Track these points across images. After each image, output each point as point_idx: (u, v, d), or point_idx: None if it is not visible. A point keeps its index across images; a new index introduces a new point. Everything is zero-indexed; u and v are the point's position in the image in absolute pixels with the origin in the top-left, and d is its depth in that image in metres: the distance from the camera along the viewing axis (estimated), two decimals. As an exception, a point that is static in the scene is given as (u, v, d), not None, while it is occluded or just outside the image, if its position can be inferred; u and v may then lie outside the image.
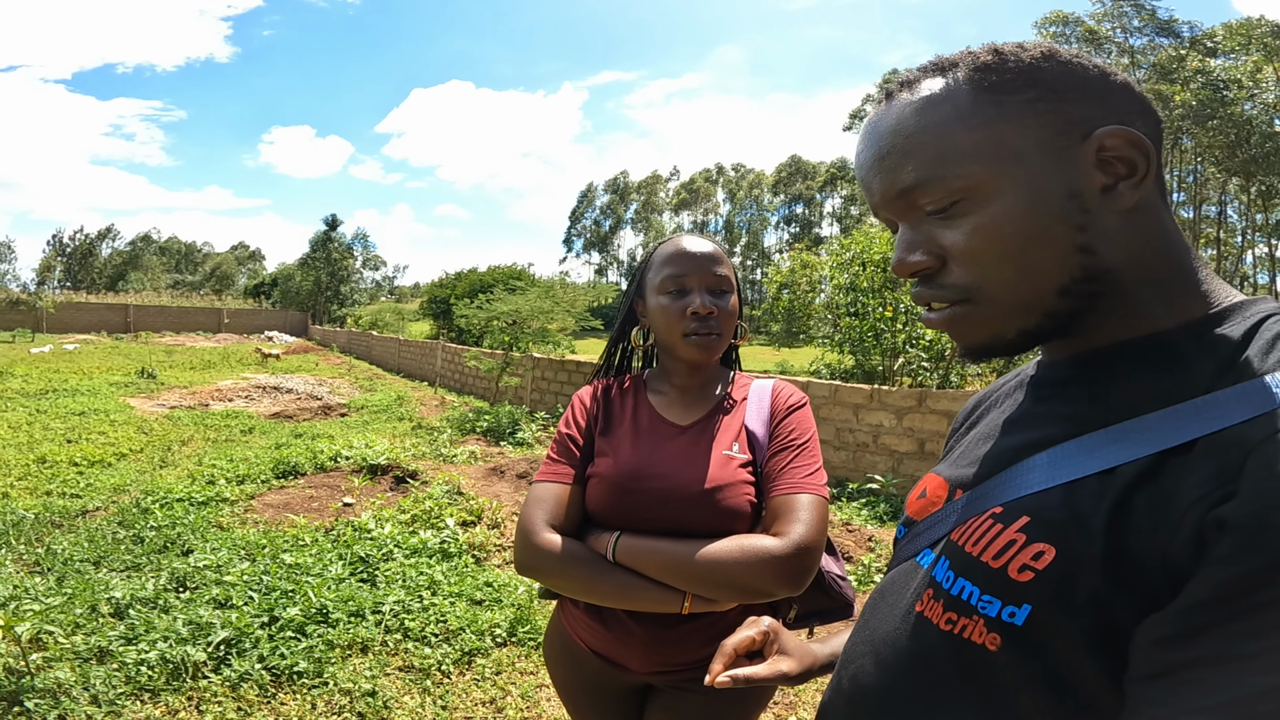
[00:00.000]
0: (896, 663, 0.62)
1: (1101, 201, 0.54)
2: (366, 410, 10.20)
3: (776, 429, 1.11)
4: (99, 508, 4.58)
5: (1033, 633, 0.51)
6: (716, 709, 1.12)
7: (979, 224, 0.55)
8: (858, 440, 5.91)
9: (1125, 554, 0.47)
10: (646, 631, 1.06)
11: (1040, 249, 0.54)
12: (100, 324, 33.33)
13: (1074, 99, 0.54)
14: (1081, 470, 0.52)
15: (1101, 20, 25.52)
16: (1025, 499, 0.55)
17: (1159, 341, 0.55)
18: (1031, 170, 0.54)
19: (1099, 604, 0.48)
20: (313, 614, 2.85)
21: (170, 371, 14.98)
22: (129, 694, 2.34)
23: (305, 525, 4.07)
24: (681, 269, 1.12)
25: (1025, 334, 0.58)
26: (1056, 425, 0.58)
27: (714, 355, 1.13)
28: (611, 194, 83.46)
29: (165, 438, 7.15)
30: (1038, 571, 0.51)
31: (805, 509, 0.99)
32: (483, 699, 2.49)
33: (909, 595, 0.64)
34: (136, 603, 2.93)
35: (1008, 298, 0.56)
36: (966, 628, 0.55)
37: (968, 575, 0.56)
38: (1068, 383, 0.61)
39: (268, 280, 57.32)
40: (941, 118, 0.56)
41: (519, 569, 1.06)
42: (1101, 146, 0.53)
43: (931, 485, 0.71)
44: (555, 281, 14.10)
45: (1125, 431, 0.51)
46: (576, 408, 1.20)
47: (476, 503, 4.42)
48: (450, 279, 29.29)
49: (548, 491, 1.09)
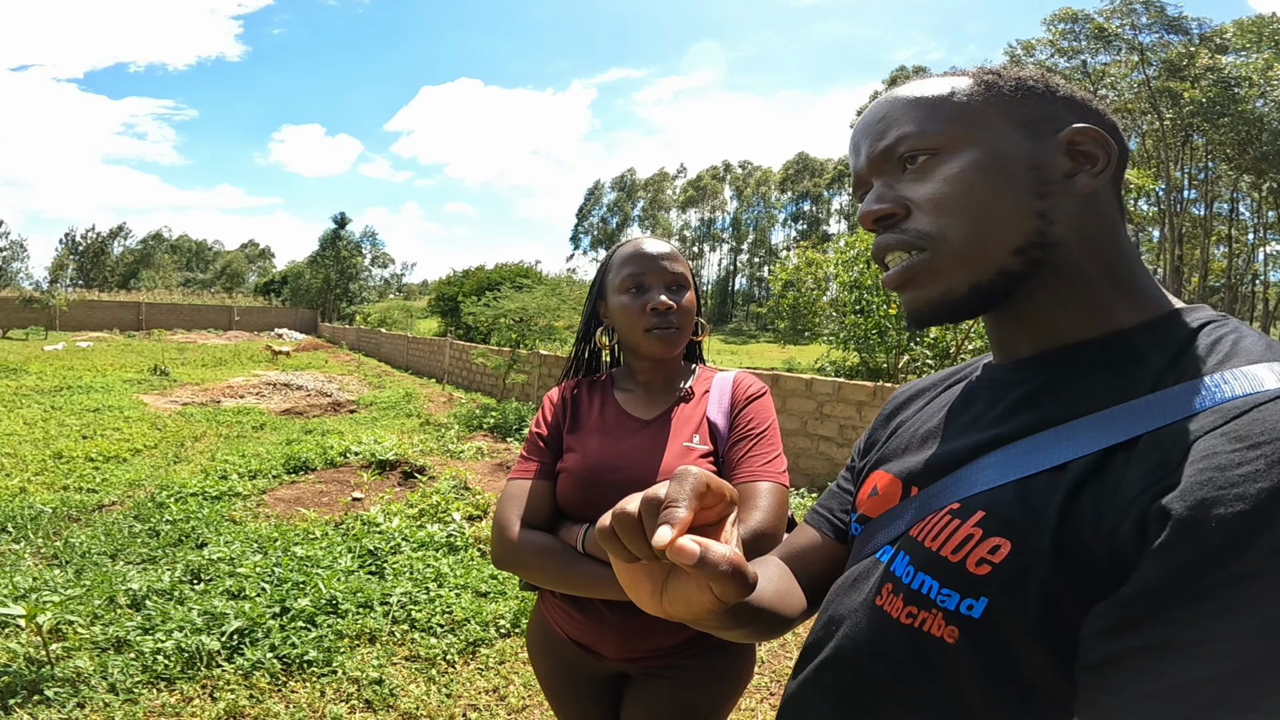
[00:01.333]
0: (859, 656, 0.63)
1: (1063, 183, 0.58)
2: (375, 407, 10.30)
3: (736, 418, 1.14)
4: (115, 502, 4.66)
5: (989, 625, 0.52)
6: (689, 696, 1.15)
7: (948, 174, 0.59)
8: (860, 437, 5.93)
9: (1074, 547, 0.49)
10: (620, 619, 1.10)
11: (1002, 204, 0.58)
12: (113, 322, 33.67)
13: (1055, 104, 0.60)
14: (1034, 467, 0.54)
15: (1110, 17, 25.29)
16: (981, 495, 0.57)
17: (1103, 345, 0.58)
18: (1003, 139, 0.59)
19: (1051, 596, 0.49)
20: (323, 605, 2.92)
21: (182, 369, 15.13)
22: (146, 682, 2.41)
23: (315, 519, 4.16)
24: (640, 268, 1.16)
25: (976, 289, 0.60)
26: (1009, 424, 0.60)
27: (675, 349, 1.16)
28: (619, 191, 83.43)
29: (178, 434, 7.27)
30: (994, 565, 0.52)
31: (764, 496, 1.02)
32: (486, 687, 2.56)
33: (868, 590, 0.65)
34: (153, 594, 3.01)
35: (964, 246, 0.59)
36: (926, 621, 0.57)
37: (927, 569, 0.58)
38: (1018, 384, 0.62)
39: (277, 278, 57.71)
40: (937, 93, 0.62)
41: (495, 563, 1.11)
42: (1072, 140, 0.58)
43: (883, 483, 0.71)
44: (562, 279, 14.16)
45: (1074, 429, 0.54)
46: (546, 408, 1.24)
47: (483, 497, 4.50)
48: (458, 277, 29.42)
49: (520, 489, 1.13)
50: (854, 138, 0.68)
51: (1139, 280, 0.60)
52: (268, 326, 39.41)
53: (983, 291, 0.60)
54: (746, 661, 1.22)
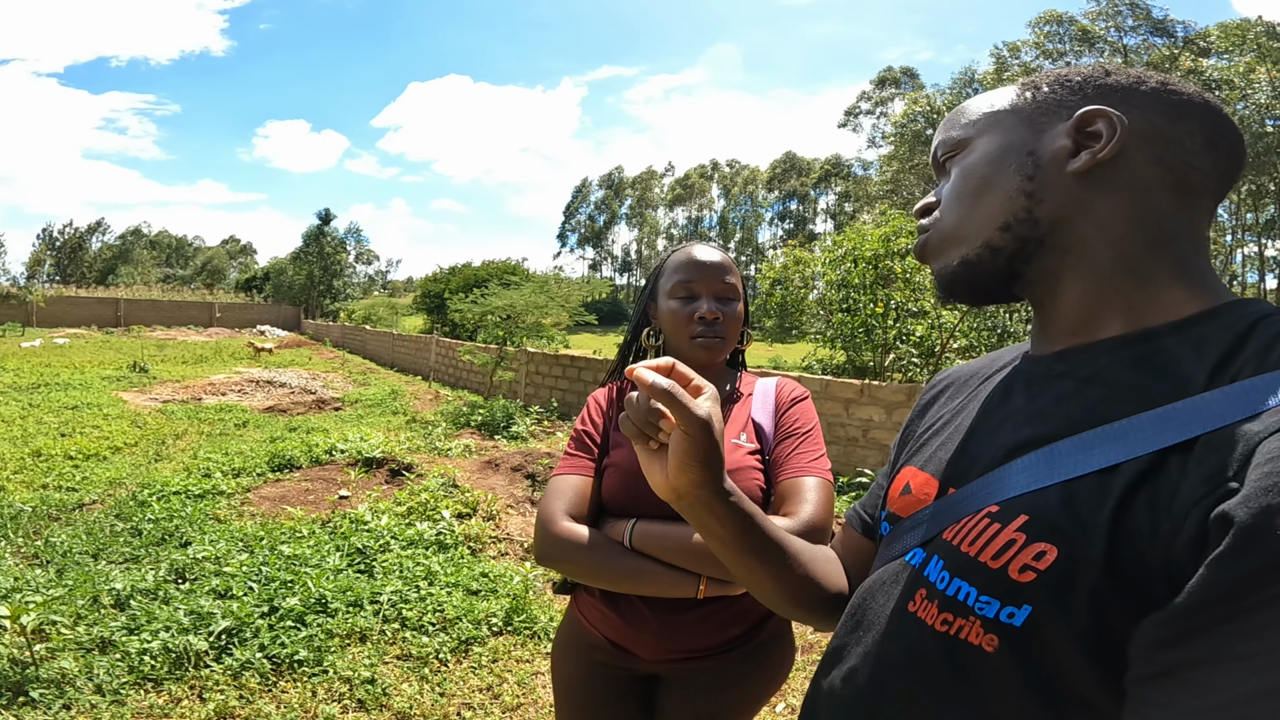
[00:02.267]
0: (889, 664, 0.61)
1: (1059, 162, 0.60)
2: (361, 404, 10.21)
3: (781, 419, 1.16)
4: (95, 501, 4.59)
5: (1032, 634, 0.50)
6: (724, 698, 1.15)
7: (957, 170, 0.66)
8: (848, 435, 5.98)
9: (1126, 554, 0.47)
10: (659, 618, 1.09)
11: (991, 189, 0.63)
12: (91, 318, 33.03)
13: (1087, 93, 0.61)
14: (1079, 469, 0.52)
15: (1096, 19, 25.62)
16: (1023, 497, 0.54)
17: (1148, 337, 0.56)
18: (1007, 131, 0.63)
19: (1099, 604, 0.47)
20: (312, 604, 2.89)
21: (162, 365, 14.91)
22: (132, 683, 2.37)
23: (302, 517, 4.11)
24: (691, 276, 1.19)
25: (966, 263, 0.65)
26: (1048, 423, 0.58)
27: (718, 357, 1.19)
28: (607, 189, 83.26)
29: (159, 431, 7.16)
30: (1040, 571, 0.50)
31: (812, 490, 1.04)
32: (480, 686, 2.55)
33: (899, 595, 0.63)
34: (137, 594, 2.96)
35: (955, 225, 0.65)
36: (963, 629, 0.55)
37: (965, 575, 0.56)
38: (1055, 378, 0.61)
39: (260, 274, 56.93)
40: (974, 104, 0.68)
41: (539, 559, 1.09)
42: (1082, 120, 0.59)
43: (916, 481, 0.69)
44: (550, 276, 14.11)
45: (1122, 430, 0.51)
46: (592, 407, 1.25)
47: (472, 495, 4.47)
48: (445, 274, 29.19)
49: (565, 483, 1.13)
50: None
51: (1191, 269, 0.58)
52: (250, 323, 38.88)
53: (974, 266, 0.64)
54: (784, 661, 1.21)
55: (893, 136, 32.48)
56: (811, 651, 2.88)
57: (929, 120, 30.26)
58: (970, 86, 29.85)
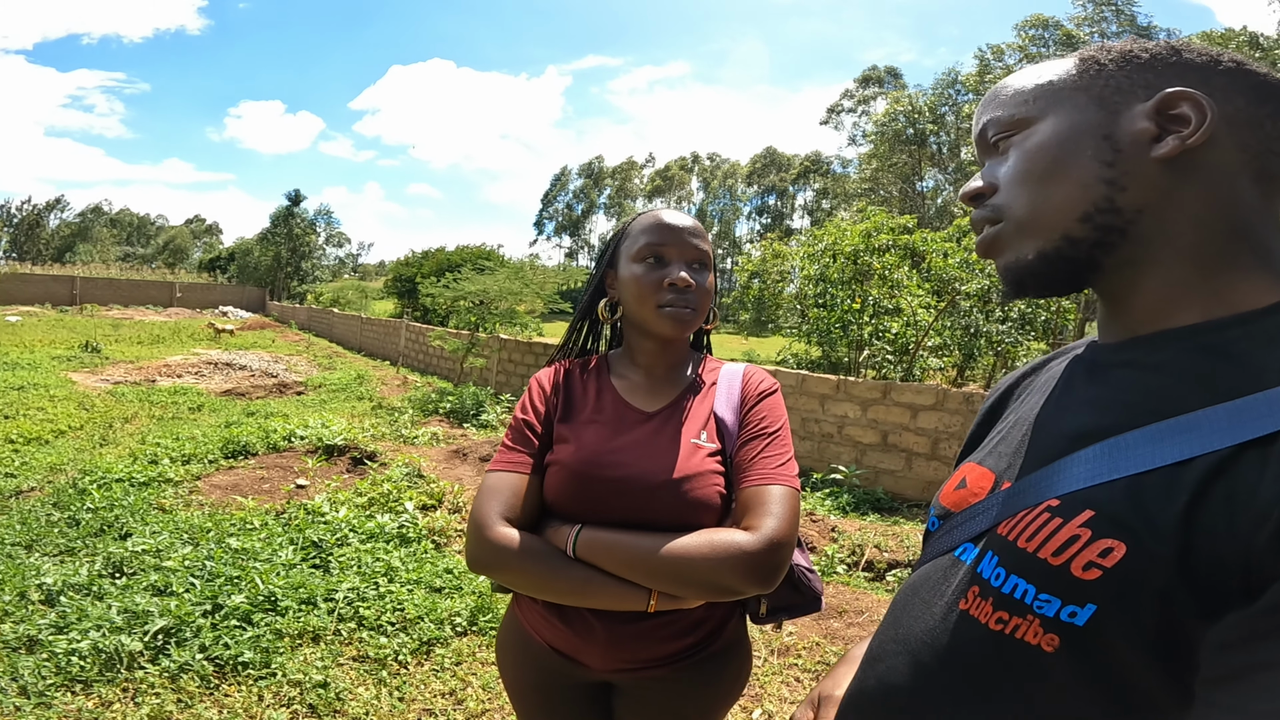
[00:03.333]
0: (935, 662, 0.59)
1: (1141, 147, 0.55)
2: (325, 389, 9.93)
3: (747, 416, 1.05)
4: (34, 488, 4.34)
5: (1096, 633, 0.49)
6: (680, 706, 1.08)
7: (1019, 152, 0.60)
8: (823, 430, 5.94)
9: (1200, 552, 0.45)
10: (608, 629, 1.00)
11: (1063, 175, 0.57)
12: (45, 296, 31.69)
13: (1160, 72, 0.57)
14: (1148, 463, 0.49)
15: (1080, 24, 26.05)
16: (1087, 491, 0.52)
17: (1222, 327, 0.53)
18: (1076, 111, 0.58)
19: (1168, 603, 0.46)
20: (260, 602, 2.72)
21: (116, 346, 14.36)
22: (59, 685, 2.21)
23: (254, 508, 3.91)
24: (661, 238, 1.05)
25: (1044, 257, 0.59)
26: (1112, 413, 0.55)
27: (686, 331, 1.06)
28: (586, 178, 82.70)
29: (107, 414, 6.83)
30: (1106, 569, 0.48)
31: (777, 502, 0.93)
32: (442, 690, 2.41)
33: (949, 593, 0.61)
34: (69, 589, 2.77)
35: (1026, 216, 0.59)
36: (1020, 627, 0.53)
37: (1021, 572, 0.53)
38: (1121, 366, 0.58)
39: (225, 255, 55.31)
40: (1028, 78, 0.63)
41: (471, 565, 0.97)
42: (1164, 103, 0.55)
43: (972, 475, 0.67)
44: (525, 263, 13.94)
45: (1195, 421, 0.49)
46: (534, 392, 1.11)
47: (437, 486, 4.31)
48: (417, 258, 28.64)
49: (503, 482, 1.01)
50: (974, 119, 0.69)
51: (1271, 258, 0.55)
52: (212, 304, 37.72)
53: (1052, 259, 0.58)
54: (741, 670, 1.14)
55: (873, 135, 32.69)
56: (787, 654, 2.79)
57: (910, 120, 30.53)
58: (952, 88, 30.16)
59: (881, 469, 5.56)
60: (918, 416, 5.43)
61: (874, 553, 3.79)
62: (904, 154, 30.96)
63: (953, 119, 29.90)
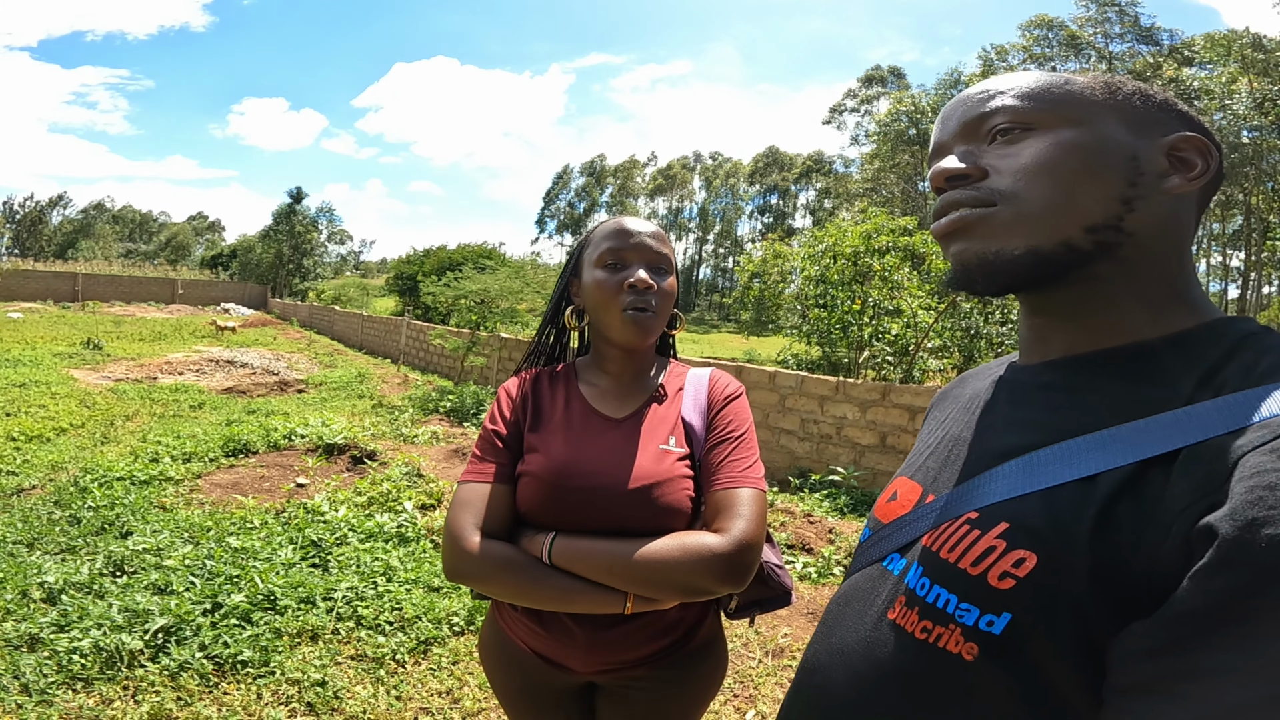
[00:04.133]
0: (868, 673, 0.60)
1: (1156, 180, 0.58)
2: (325, 387, 9.94)
3: (714, 420, 1.07)
4: (35, 486, 4.36)
5: (1012, 642, 0.50)
6: (662, 705, 1.11)
7: (1040, 146, 0.58)
8: (822, 431, 5.95)
9: (1108, 562, 0.46)
10: (586, 633, 1.02)
11: (1090, 180, 0.57)
12: (47, 292, 31.74)
13: (1168, 113, 0.60)
14: (1061, 477, 0.51)
15: (1084, 25, 25.99)
16: (1003, 504, 0.54)
17: (1138, 351, 0.57)
18: (1107, 127, 0.59)
19: (1080, 613, 0.47)
20: (259, 600, 2.74)
21: (118, 343, 14.39)
22: (61, 683, 2.23)
23: (254, 507, 3.93)
24: (621, 243, 1.07)
25: (1034, 253, 0.58)
26: (1033, 431, 0.58)
27: (650, 337, 1.07)
28: (588, 177, 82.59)
29: (108, 412, 6.85)
30: (1019, 579, 0.50)
31: (746, 504, 0.95)
32: (439, 689, 2.43)
33: (880, 602, 0.62)
34: (70, 588, 2.79)
35: (1036, 207, 0.58)
36: (942, 636, 0.54)
37: (944, 582, 0.55)
38: (1044, 388, 0.60)
39: (226, 252, 55.30)
40: (1051, 80, 0.62)
41: (449, 575, 0.99)
42: (1176, 145, 0.58)
43: (903, 489, 0.69)
44: (526, 262, 13.94)
45: (1105, 440, 0.51)
46: (503, 401, 1.12)
47: (437, 485, 4.32)
48: (418, 256, 28.61)
49: (475, 493, 1.02)
50: (948, 107, 0.67)
51: (1189, 290, 0.59)
52: (213, 301, 37.75)
53: (1039, 259, 0.58)
54: (719, 665, 1.17)
55: (876, 135, 32.63)
56: (782, 656, 2.81)
57: (913, 120, 30.46)
58: (955, 87, 30.10)
59: (880, 470, 5.56)
60: (917, 418, 5.44)
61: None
62: (906, 154, 30.91)
63: (955, 119, 29.82)
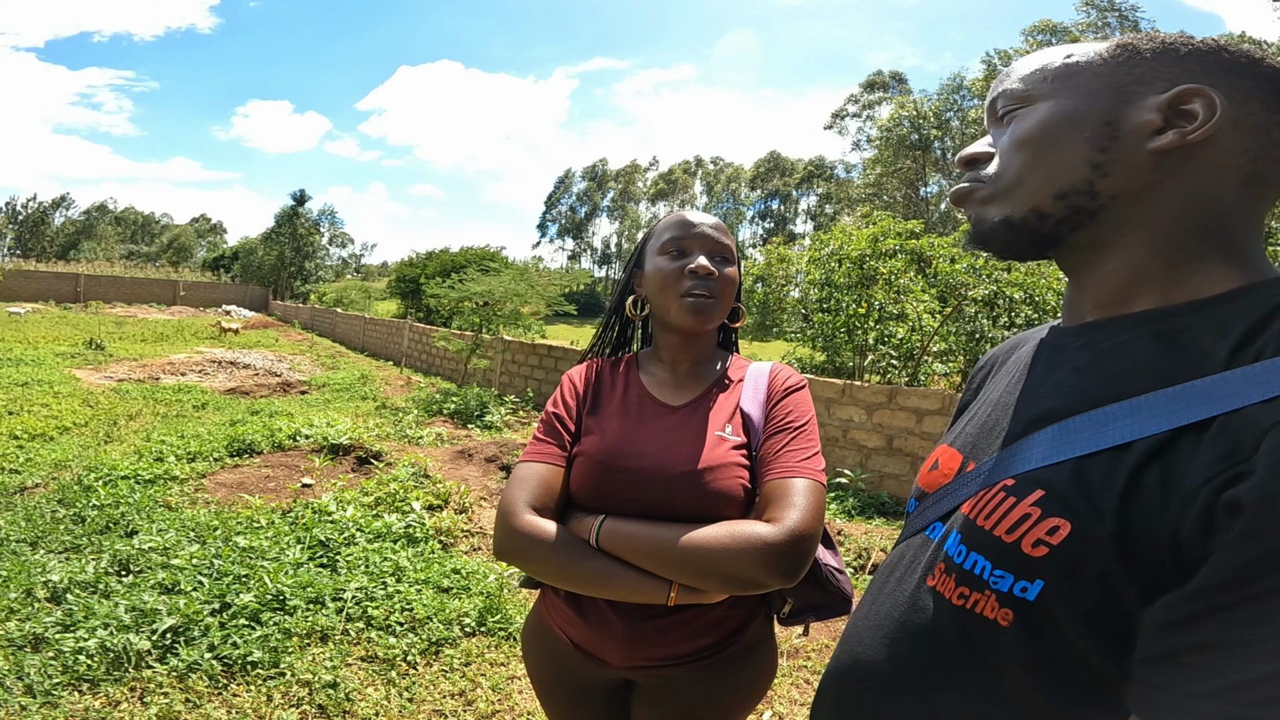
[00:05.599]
0: (903, 638, 0.61)
1: (1139, 137, 0.56)
2: (328, 388, 9.91)
3: (773, 411, 1.05)
4: (38, 484, 4.32)
5: (1045, 609, 0.50)
6: (699, 708, 1.07)
7: (1022, 123, 0.61)
8: (828, 434, 5.92)
9: (1135, 533, 0.46)
10: (626, 624, 0.99)
11: (1055, 153, 0.58)
12: (49, 293, 31.73)
13: (1186, 66, 0.56)
14: (1094, 445, 0.51)
15: (1085, 30, 26.08)
16: (1038, 471, 0.54)
17: (1163, 315, 0.55)
18: (1085, 95, 0.58)
19: (1108, 583, 0.47)
20: (268, 601, 2.70)
21: (120, 343, 14.36)
22: (66, 684, 2.19)
23: (261, 506, 3.89)
24: (684, 232, 1.09)
25: (1008, 222, 0.61)
26: (1067, 397, 0.57)
27: (710, 322, 1.06)
28: (589, 181, 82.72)
29: (111, 411, 6.82)
30: (1052, 546, 0.50)
31: (801, 494, 0.92)
32: (451, 691, 2.39)
33: (919, 569, 0.63)
34: (75, 587, 2.75)
35: (1009, 181, 0.61)
36: (979, 603, 0.55)
37: (980, 549, 0.56)
38: (1079, 350, 0.60)
39: (228, 254, 55.35)
40: (1051, 56, 0.63)
41: (497, 553, 0.98)
42: (1178, 98, 0.55)
43: (944, 457, 0.70)
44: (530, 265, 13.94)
45: (1138, 407, 0.50)
46: (565, 387, 1.14)
47: (444, 486, 4.29)
48: (420, 258, 28.63)
49: (531, 472, 1.02)
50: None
51: (1237, 251, 0.56)
52: (215, 302, 37.76)
53: (1015, 227, 0.61)
54: (764, 672, 1.12)
55: (878, 140, 32.68)
56: (797, 656, 2.77)
57: (915, 125, 30.51)
58: (957, 93, 30.17)
59: (886, 473, 5.54)
60: (923, 421, 5.41)
61: (880, 556, 3.76)
62: (908, 159, 30.93)
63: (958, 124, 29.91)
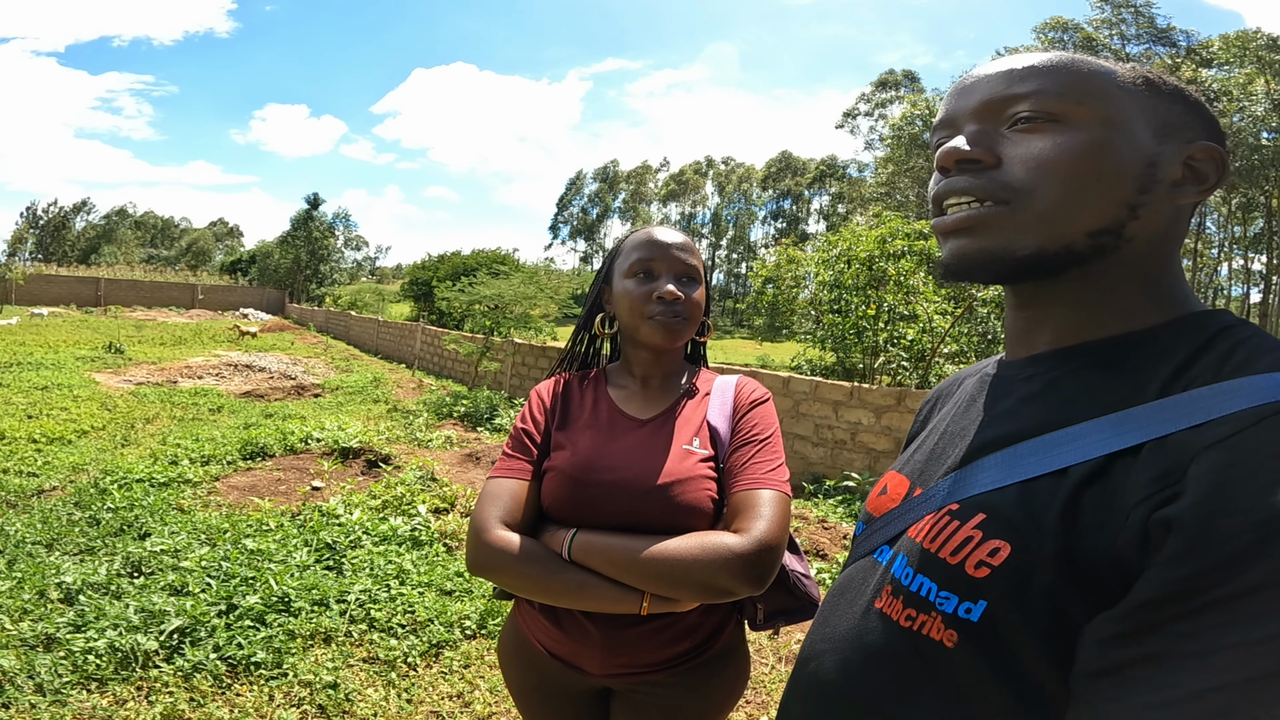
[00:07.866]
0: (858, 660, 0.61)
1: (1167, 188, 0.57)
2: (341, 391, 10.02)
3: (739, 424, 1.08)
4: (55, 487, 4.41)
5: (989, 629, 0.51)
6: (679, 713, 1.09)
7: (1062, 141, 0.56)
8: (836, 437, 5.89)
9: (1076, 551, 0.48)
10: (603, 633, 1.02)
11: (1103, 185, 0.56)
12: (70, 297, 32.38)
13: (1198, 119, 0.60)
14: (1036, 469, 0.53)
15: (1099, 27, 25.70)
16: (982, 496, 0.56)
17: (1116, 345, 0.58)
18: (1134, 129, 0.57)
19: (1053, 600, 0.48)
20: (273, 602, 2.75)
21: (139, 347, 14.61)
22: (75, 683, 2.24)
23: (270, 509, 3.95)
24: (650, 254, 1.10)
25: (1041, 254, 0.57)
26: (1013, 424, 0.59)
27: (676, 341, 1.09)
28: (601, 182, 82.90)
29: (129, 415, 6.95)
30: (994, 568, 0.51)
31: (767, 505, 0.95)
32: (450, 693, 2.42)
33: (868, 592, 0.64)
34: (88, 588, 2.81)
35: (1049, 209, 0.56)
36: (925, 624, 0.56)
37: (926, 571, 0.57)
38: (1027, 381, 0.62)
39: (245, 257, 56.09)
40: (1091, 68, 0.59)
41: (470, 568, 1.00)
42: (1196, 154, 0.57)
43: (892, 482, 0.71)
44: (540, 267, 14.01)
45: (1078, 434, 0.53)
46: (534, 402, 1.16)
47: (450, 489, 4.33)
48: (433, 261, 28.87)
49: (502, 487, 1.04)
50: (971, 79, 0.63)
51: (1179, 284, 0.60)
52: (232, 306, 38.31)
53: (1045, 259, 0.58)
54: (739, 675, 1.15)
55: (890, 139, 32.45)
56: (792, 662, 2.77)
57: (927, 124, 30.27)
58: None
59: (895, 476, 5.49)
60: (933, 424, 5.37)
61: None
62: (920, 158, 30.69)
63: (971, 123, 29.57)
